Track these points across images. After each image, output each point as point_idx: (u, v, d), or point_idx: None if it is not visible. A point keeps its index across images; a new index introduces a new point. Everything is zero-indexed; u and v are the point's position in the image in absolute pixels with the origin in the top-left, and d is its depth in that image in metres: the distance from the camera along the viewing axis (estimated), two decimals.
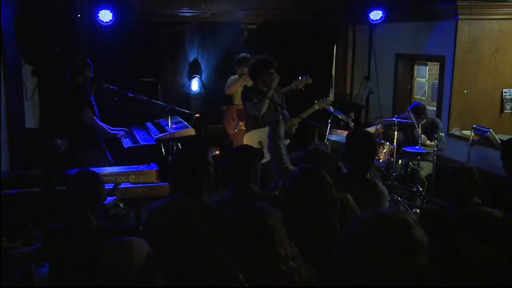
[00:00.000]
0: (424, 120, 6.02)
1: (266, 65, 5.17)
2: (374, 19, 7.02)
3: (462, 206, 2.89)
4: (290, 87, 5.74)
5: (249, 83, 6.05)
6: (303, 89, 5.76)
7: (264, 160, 3.72)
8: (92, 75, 5.46)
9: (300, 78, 5.75)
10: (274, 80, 5.14)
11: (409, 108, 6.13)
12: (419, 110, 5.98)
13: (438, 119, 6.29)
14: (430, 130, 5.96)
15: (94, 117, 5.38)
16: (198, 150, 2.84)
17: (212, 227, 2.65)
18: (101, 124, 5.50)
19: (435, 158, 5.81)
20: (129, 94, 5.67)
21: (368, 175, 3.40)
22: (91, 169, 3.08)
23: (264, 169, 4.76)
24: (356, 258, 1.38)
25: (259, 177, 3.87)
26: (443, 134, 5.84)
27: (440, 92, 6.47)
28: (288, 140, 5.45)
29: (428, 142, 5.88)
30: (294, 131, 5.38)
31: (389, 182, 5.60)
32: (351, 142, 3.37)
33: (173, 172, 2.82)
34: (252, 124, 5.25)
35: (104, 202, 3.27)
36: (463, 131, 6.15)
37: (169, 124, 5.49)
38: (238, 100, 6.34)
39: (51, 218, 3.50)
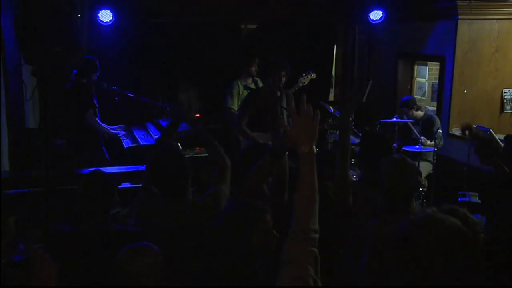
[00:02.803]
0: (421, 114, 6.13)
1: (276, 66, 5.09)
2: (374, 19, 7.02)
3: None
4: (297, 85, 5.72)
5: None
6: (306, 83, 5.73)
7: None
8: (96, 78, 5.46)
9: (304, 74, 5.74)
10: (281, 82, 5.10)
11: (400, 105, 6.26)
12: (409, 103, 6.13)
13: (435, 116, 6.32)
14: (427, 126, 6.01)
15: (95, 119, 5.40)
16: (179, 154, 2.88)
17: (204, 222, 2.70)
18: (102, 125, 5.51)
19: (435, 158, 5.81)
20: (129, 94, 5.68)
21: None
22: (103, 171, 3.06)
23: None
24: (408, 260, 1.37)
25: None
26: (440, 131, 5.91)
27: (440, 92, 6.48)
28: None
29: (428, 142, 5.90)
30: None
31: None
32: (365, 145, 3.37)
33: (160, 177, 2.81)
34: (256, 126, 5.17)
35: None
36: None
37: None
38: None
39: (52, 218, 3.49)
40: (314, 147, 1.81)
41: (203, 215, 2.75)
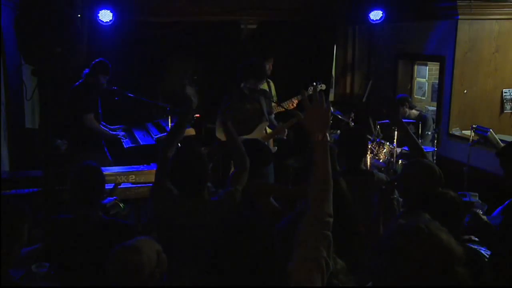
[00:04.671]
0: (416, 113, 6.21)
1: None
2: (374, 19, 7.02)
3: None
4: (306, 93, 5.71)
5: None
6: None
7: None
8: (104, 82, 5.43)
9: (314, 84, 5.75)
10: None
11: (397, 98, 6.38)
12: (401, 100, 6.23)
13: (428, 116, 6.35)
14: (418, 126, 6.07)
15: (95, 122, 5.38)
16: (200, 153, 2.89)
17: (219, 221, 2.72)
18: (102, 128, 5.51)
19: (435, 158, 5.82)
20: (129, 94, 5.68)
21: (363, 166, 3.52)
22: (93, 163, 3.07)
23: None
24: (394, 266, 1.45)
25: None
26: (429, 133, 6.01)
27: (440, 92, 6.47)
28: (276, 148, 5.38)
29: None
30: (285, 137, 5.32)
31: None
32: (342, 137, 3.63)
33: (180, 175, 2.83)
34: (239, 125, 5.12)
35: (104, 201, 3.28)
36: (463, 131, 6.15)
37: (169, 124, 5.49)
38: None
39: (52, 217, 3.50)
40: (327, 134, 1.88)
41: (218, 214, 2.77)
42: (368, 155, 5.62)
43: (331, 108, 6.46)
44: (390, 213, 2.89)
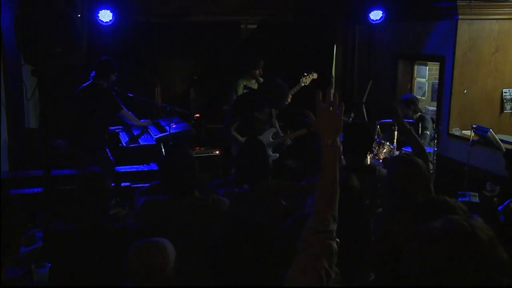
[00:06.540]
0: (418, 114, 6.20)
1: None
2: (374, 19, 7.01)
3: None
4: (299, 85, 5.79)
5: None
6: (308, 83, 5.85)
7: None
8: (115, 79, 5.44)
9: (305, 74, 5.80)
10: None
11: (400, 101, 6.34)
12: (408, 102, 6.18)
13: (428, 117, 6.33)
14: (419, 125, 6.07)
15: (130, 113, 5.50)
16: (187, 153, 2.94)
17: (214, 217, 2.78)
18: (135, 117, 5.65)
19: (435, 158, 5.81)
20: (129, 94, 5.68)
21: (368, 162, 3.48)
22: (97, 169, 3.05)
23: None
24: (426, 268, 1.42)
25: None
26: (428, 133, 6.00)
27: (440, 92, 6.47)
28: (277, 155, 5.41)
29: None
30: (284, 147, 5.41)
31: None
32: (347, 132, 3.52)
33: (168, 176, 2.87)
34: (246, 130, 5.15)
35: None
36: (463, 131, 6.15)
37: (169, 124, 5.50)
38: None
39: (51, 218, 3.50)
40: (338, 139, 1.81)
41: (215, 213, 2.81)
42: (368, 154, 5.61)
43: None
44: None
